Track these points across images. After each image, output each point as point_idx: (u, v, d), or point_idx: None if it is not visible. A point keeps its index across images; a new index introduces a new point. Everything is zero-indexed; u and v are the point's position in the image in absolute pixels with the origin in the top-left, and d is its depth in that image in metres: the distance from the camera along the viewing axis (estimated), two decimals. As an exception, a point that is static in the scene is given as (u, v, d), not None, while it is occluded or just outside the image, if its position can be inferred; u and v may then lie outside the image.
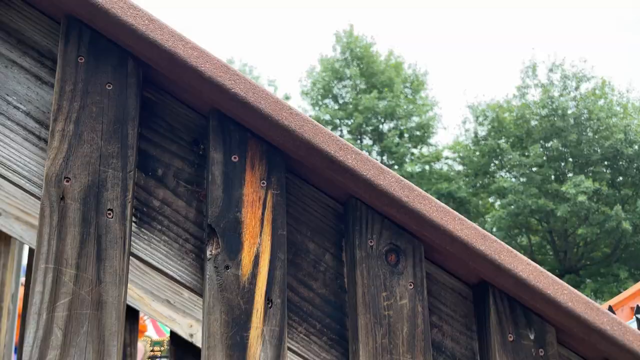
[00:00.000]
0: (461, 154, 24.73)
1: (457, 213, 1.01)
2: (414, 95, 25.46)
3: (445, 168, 25.56)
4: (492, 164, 23.93)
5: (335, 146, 0.98)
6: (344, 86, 25.64)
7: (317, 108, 25.77)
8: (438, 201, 1.01)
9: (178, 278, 0.99)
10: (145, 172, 1.02)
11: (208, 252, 0.97)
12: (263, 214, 1.00)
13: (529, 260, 1.02)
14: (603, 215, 20.23)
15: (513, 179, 22.92)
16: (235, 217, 0.98)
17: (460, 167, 25.29)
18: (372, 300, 1.01)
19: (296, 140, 0.99)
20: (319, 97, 25.91)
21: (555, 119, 21.73)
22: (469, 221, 1.02)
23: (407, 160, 24.67)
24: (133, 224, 0.98)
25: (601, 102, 22.08)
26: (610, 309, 3.74)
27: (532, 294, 1.03)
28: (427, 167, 24.84)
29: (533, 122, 22.63)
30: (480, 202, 24.49)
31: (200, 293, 0.99)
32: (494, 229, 23.82)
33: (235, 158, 1.01)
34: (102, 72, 0.99)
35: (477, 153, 23.92)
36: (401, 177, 1.01)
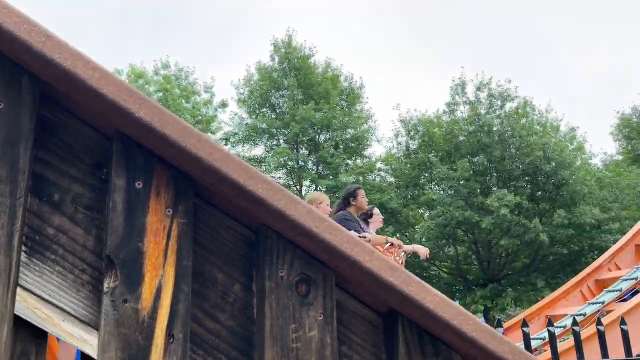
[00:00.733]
0: (393, 167, 25.36)
1: (367, 245, 1.01)
2: (350, 108, 25.87)
3: (378, 179, 26.11)
4: (423, 177, 24.70)
5: (246, 175, 0.96)
6: (282, 96, 25.67)
7: (254, 116, 25.62)
8: (347, 232, 1.01)
9: (72, 312, 0.93)
10: (39, 197, 0.94)
11: (105, 285, 0.91)
12: (168, 244, 0.95)
13: (437, 292, 1.04)
14: (523, 228, 21.38)
15: (442, 192, 23.75)
16: (137, 247, 0.93)
17: (392, 179, 25.92)
18: (280, 332, 0.99)
19: (205, 169, 0.95)
20: (257, 106, 25.77)
21: (482, 135, 22.80)
22: (379, 253, 1.02)
23: (342, 171, 24.99)
24: (23, 254, 0.91)
25: (523, 121, 23.41)
26: (525, 322, 3.91)
27: (440, 325, 1.05)
28: (361, 178, 25.24)
29: (461, 138, 23.62)
30: (410, 213, 25.17)
31: (97, 328, 0.93)
32: (424, 239, 24.56)
33: (139, 184, 0.96)
34: (-8, 89, 0.91)
35: (409, 166, 24.63)
36: (312, 208, 1.00)
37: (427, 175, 24.60)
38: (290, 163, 24.54)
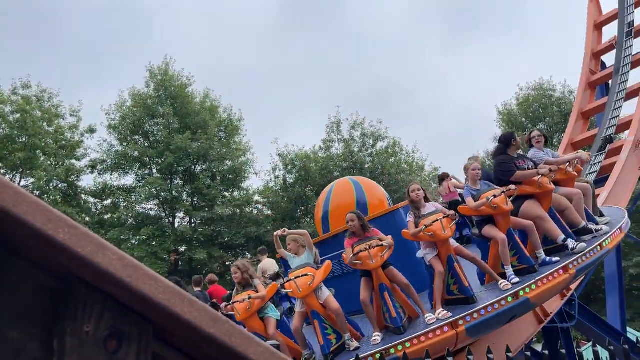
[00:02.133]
0: (271, 200, 25.44)
1: (186, 294, 0.95)
2: (228, 139, 25.61)
3: (255, 212, 25.96)
4: (299, 210, 25.06)
5: (44, 218, 0.85)
6: (157, 124, 24.64)
7: (125, 144, 24.25)
8: (166, 281, 0.94)
9: None
10: None
11: None
12: (-62, 299, 0.80)
13: (261, 342, 1.00)
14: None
15: (317, 226, 24.23)
16: None
17: (269, 212, 25.94)
18: (81, 397, 0.87)
19: (-7, 210, 0.83)
20: (128, 132, 24.45)
21: (355, 171, 23.82)
22: (200, 302, 0.95)
23: (218, 202, 24.45)
24: None
25: (392, 159, 24.93)
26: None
27: (265, 376, 1.01)
28: (237, 211, 24.91)
29: (336, 173, 24.46)
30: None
31: None
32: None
33: None
34: None
35: (285, 199, 24.87)
36: (125, 254, 0.91)
37: (303, 208, 25.00)
38: (162, 194, 23.47)
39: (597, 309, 20.31)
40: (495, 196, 5.81)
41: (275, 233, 6.34)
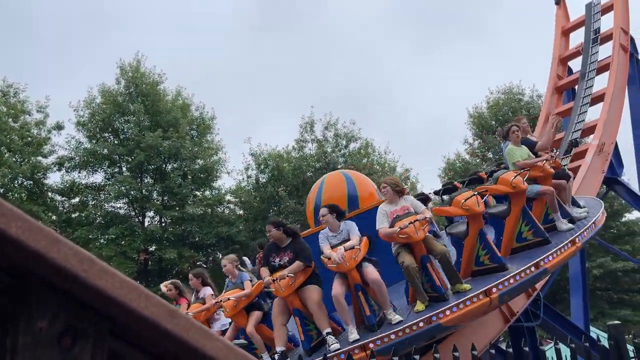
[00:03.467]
0: (243, 199, 25.27)
1: (144, 289, 0.94)
2: (200, 138, 25.32)
3: (227, 212, 25.74)
4: (271, 210, 24.96)
5: (-5, 212, 0.83)
6: (127, 121, 24.17)
7: (94, 141, 23.73)
8: (123, 276, 0.93)
9: None
10: None
11: None
12: None
13: (220, 339, 1.00)
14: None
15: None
16: None
17: (241, 212, 25.77)
18: (33, 394, 0.86)
19: (-59, 203, 0.81)
20: (98, 130, 23.94)
21: (328, 172, 23.82)
22: (157, 297, 0.95)
23: (189, 202, 24.17)
24: None
25: (365, 160, 25.07)
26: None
27: (223, 372, 1.01)
28: (209, 210, 24.67)
29: (309, 174, 24.48)
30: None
31: None
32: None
33: None
34: None
35: (258, 199, 24.75)
36: (81, 249, 0.90)
37: (275, 208, 24.92)
38: (132, 192, 23.06)
39: (561, 308, 20.85)
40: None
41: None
